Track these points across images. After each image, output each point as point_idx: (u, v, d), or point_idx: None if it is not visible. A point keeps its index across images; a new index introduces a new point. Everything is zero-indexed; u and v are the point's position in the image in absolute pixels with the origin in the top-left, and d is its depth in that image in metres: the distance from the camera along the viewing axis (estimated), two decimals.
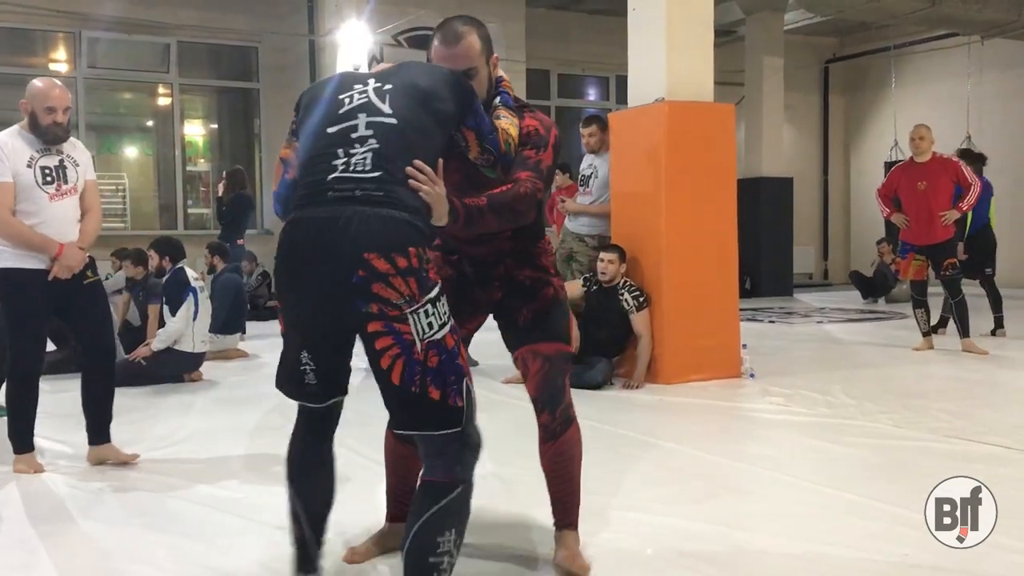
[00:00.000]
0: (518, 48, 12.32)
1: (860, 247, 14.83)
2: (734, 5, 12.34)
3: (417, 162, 2.06)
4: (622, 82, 7.46)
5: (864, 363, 6.57)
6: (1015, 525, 2.77)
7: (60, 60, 11.47)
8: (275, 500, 3.21)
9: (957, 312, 6.82)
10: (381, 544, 2.68)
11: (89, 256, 3.91)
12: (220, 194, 8.87)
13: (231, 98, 12.77)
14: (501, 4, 11.96)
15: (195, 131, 12.90)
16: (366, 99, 2.13)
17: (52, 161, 3.75)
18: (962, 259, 7.22)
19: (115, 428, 4.64)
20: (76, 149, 3.90)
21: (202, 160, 12.96)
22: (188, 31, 11.29)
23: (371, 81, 2.19)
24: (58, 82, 3.85)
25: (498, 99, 2.43)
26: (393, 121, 2.08)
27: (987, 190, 8.00)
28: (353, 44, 10.74)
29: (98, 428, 3.94)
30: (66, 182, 3.78)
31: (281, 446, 2.33)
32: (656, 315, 5.71)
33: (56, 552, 2.83)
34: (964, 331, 6.83)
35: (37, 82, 3.82)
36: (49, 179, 3.73)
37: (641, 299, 5.66)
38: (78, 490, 3.53)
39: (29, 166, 3.70)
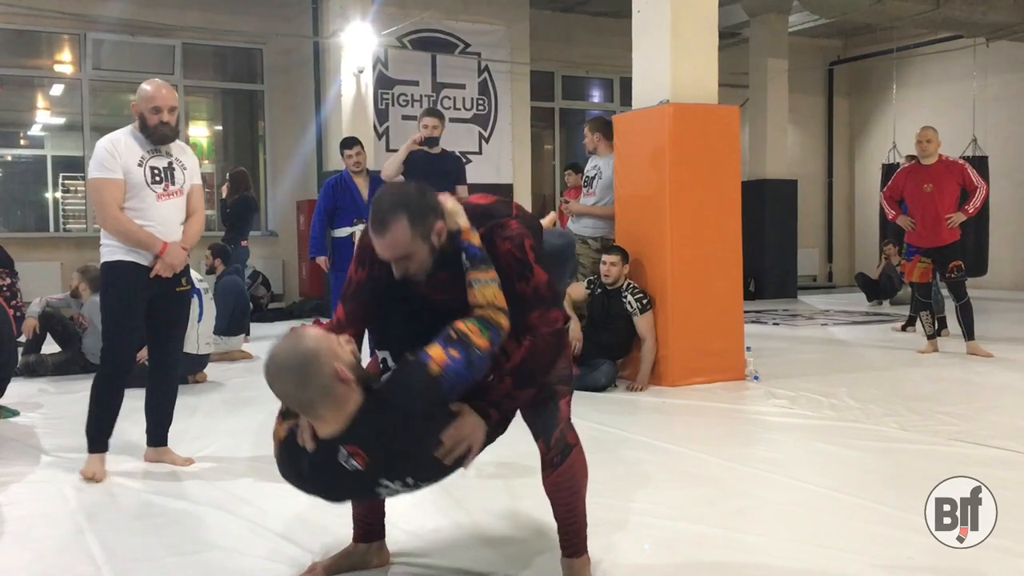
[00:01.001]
0: (522, 50, 12.33)
1: (864, 249, 14.82)
2: (738, 7, 12.33)
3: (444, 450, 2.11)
4: (626, 84, 7.47)
5: (869, 366, 6.56)
6: (1020, 529, 2.77)
7: (65, 62, 11.49)
8: (279, 501, 3.22)
9: (962, 315, 6.80)
10: (346, 562, 2.60)
11: (186, 265, 3.96)
12: (224, 196, 8.88)
13: (235, 100, 12.79)
14: (505, 6, 11.97)
15: (200, 133, 12.92)
16: None
17: (162, 162, 3.81)
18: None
19: (119, 429, 4.65)
20: (185, 153, 3.97)
21: (206, 161, 12.98)
22: (193, 33, 11.30)
23: None
24: (165, 83, 3.87)
25: (465, 259, 2.22)
26: None
27: None
28: (357, 46, 10.75)
29: (157, 431, 4.02)
30: (173, 183, 3.84)
31: None
32: (660, 317, 5.70)
33: (59, 553, 2.83)
34: (969, 334, 6.81)
35: (145, 85, 3.83)
36: (158, 179, 3.79)
37: (644, 301, 5.65)
38: (83, 492, 3.53)
39: (140, 165, 3.76)
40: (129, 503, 3.38)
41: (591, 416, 4.76)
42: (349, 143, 6.72)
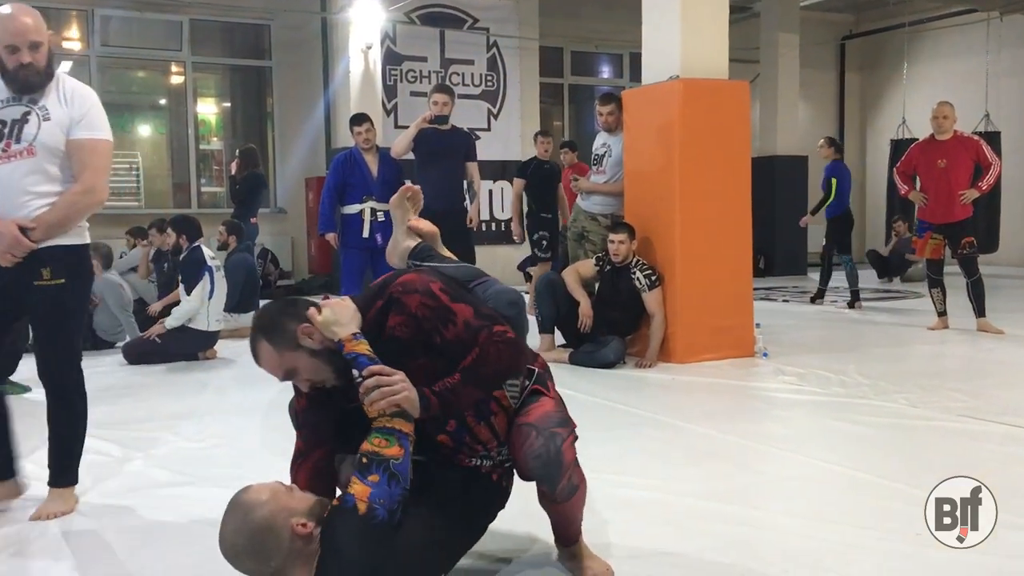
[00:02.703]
0: (532, 25, 12.25)
1: (876, 226, 14.73)
2: None
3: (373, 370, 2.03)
4: (636, 59, 7.41)
5: (879, 342, 6.55)
6: None
7: (73, 38, 11.47)
8: (287, 476, 3.24)
9: (973, 291, 6.77)
10: None
11: (58, 252, 2.91)
12: (233, 173, 8.87)
13: (243, 76, 12.75)
14: None
15: (208, 109, 12.89)
16: None
17: (14, 113, 2.88)
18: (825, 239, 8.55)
19: (132, 406, 4.69)
20: (65, 100, 2.97)
21: (215, 139, 12.96)
22: (200, 9, 11.26)
23: None
24: (25, 7, 2.95)
25: (354, 371, 2.06)
26: None
27: (829, 174, 8.70)
28: (365, 22, 10.69)
29: (50, 464, 3.05)
30: (17, 141, 2.85)
31: None
32: (669, 294, 5.69)
33: (72, 533, 2.86)
34: (980, 311, 6.78)
35: None
36: None
37: (653, 278, 5.64)
38: (94, 468, 3.55)
39: None
40: (139, 481, 3.40)
41: (600, 392, 4.76)
42: (358, 120, 6.70)
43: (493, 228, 12.17)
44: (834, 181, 8.69)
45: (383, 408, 2.00)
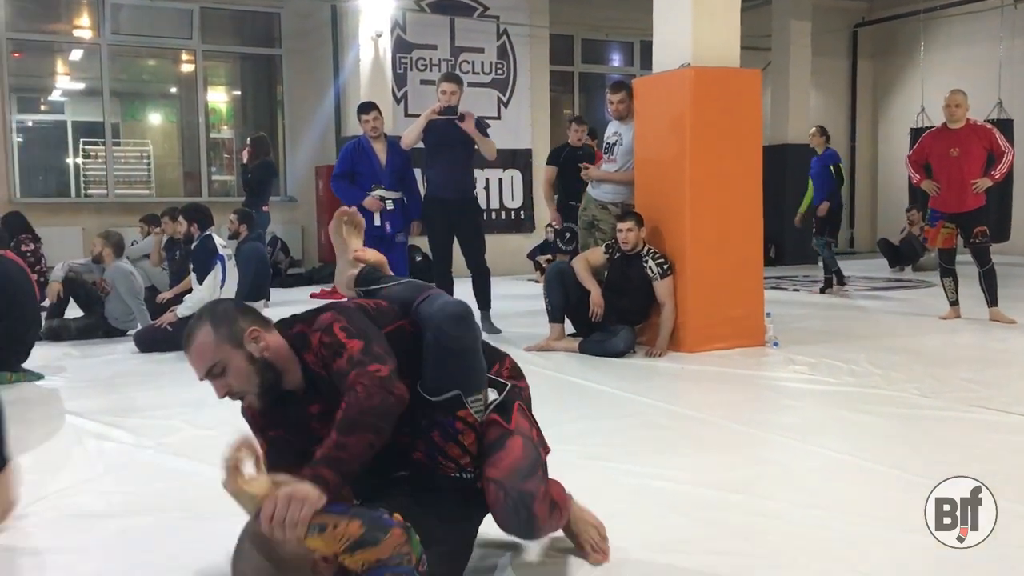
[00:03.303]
0: (542, 13, 12.21)
1: (887, 215, 14.66)
2: None
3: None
4: (647, 47, 7.38)
5: (890, 332, 6.52)
6: None
7: (84, 27, 11.49)
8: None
9: (985, 281, 6.74)
10: None
11: None
12: (245, 161, 8.89)
13: (254, 64, 12.76)
14: None
15: (218, 98, 12.91)
16: None
17: None
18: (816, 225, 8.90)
19: (144, 394, 4.72)
20: None
21: (225, 127, 12.98)
22: None
23: None
24: None
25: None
26: None
27: (832, 161, 8.88)
28: (375, 10, 10.67)
29: None
30: None
31: None
32: (680, 283, 5.68)
33: (82, 517, 2.88)
34: (992, 300, 6.75)
35: None
36: None
37: (665, 266, 5.63)
38: (107, 454, 3.58)
39: None
40: (151, 468, 3.42)
41: (609, 382, 4.76)
42: (366, 108, 6.69)
43: (503, 217, 12.16)
44: (840, 167, 8.82)
45: (300, 535, 1.82)
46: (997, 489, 2.94)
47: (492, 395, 2.25)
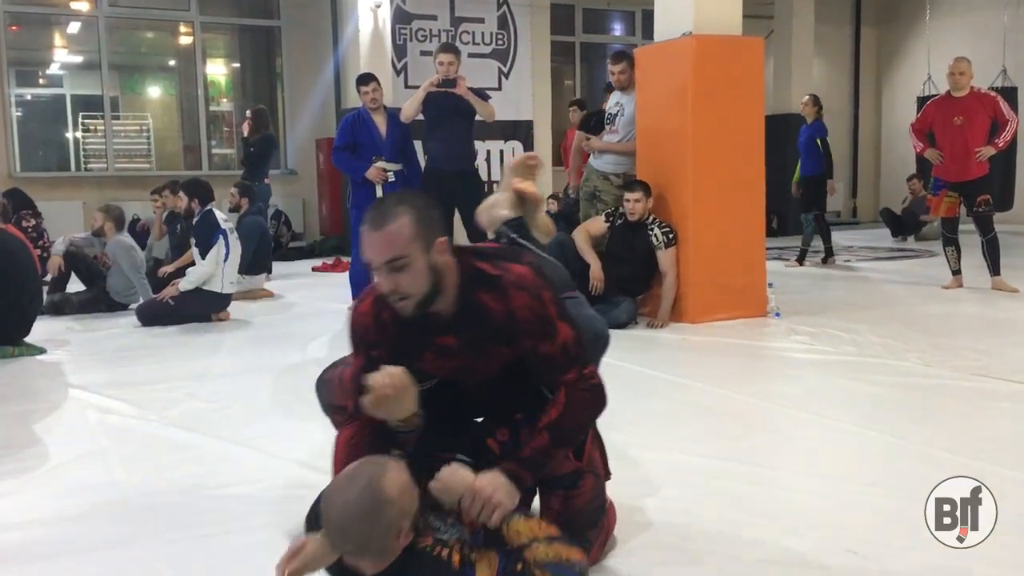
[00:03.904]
0: None
1: (890, 184, 14.59)
2: None
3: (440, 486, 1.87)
4: (648, 16, 7.31)
5: (892, 302, 6.51)
6: None
7: None
8: (301, 437, 3.26)
9: (988, 250, 6.72)
10: None
11: None
12: (245, 135, 8.84)
13: (252, 36, 12.67)
14: None
15: (217, 70, 12.84)
16: None
17: None
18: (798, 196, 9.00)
19: (146, 367, 4.74)
20: None
21: (225, 100, 12.92)
22: None
23: None
24: None
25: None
26: None
27: (819, 134, 8.78)
28: None
29: None
30: None
31: (307, 383, 2.34)
32: (681, 254, 5.67)
33: (88, 489, 2.89)
34: (995, 269, 6.74)
35: None
36: None
37: (671, 235, 5.62)
38: (110, 428, 3.59)
39: None
40: (154, 440, 3.43)
41: (611, 353, 4.73)
42: (365, 79, 6.64)
43: None
44: (827, 142, 8.80)
45: (494, 520, 1.84)
46: (997, 457, 2.95)
47: None
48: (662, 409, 3.74)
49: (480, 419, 2.22)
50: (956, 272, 6.94)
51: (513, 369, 2.07)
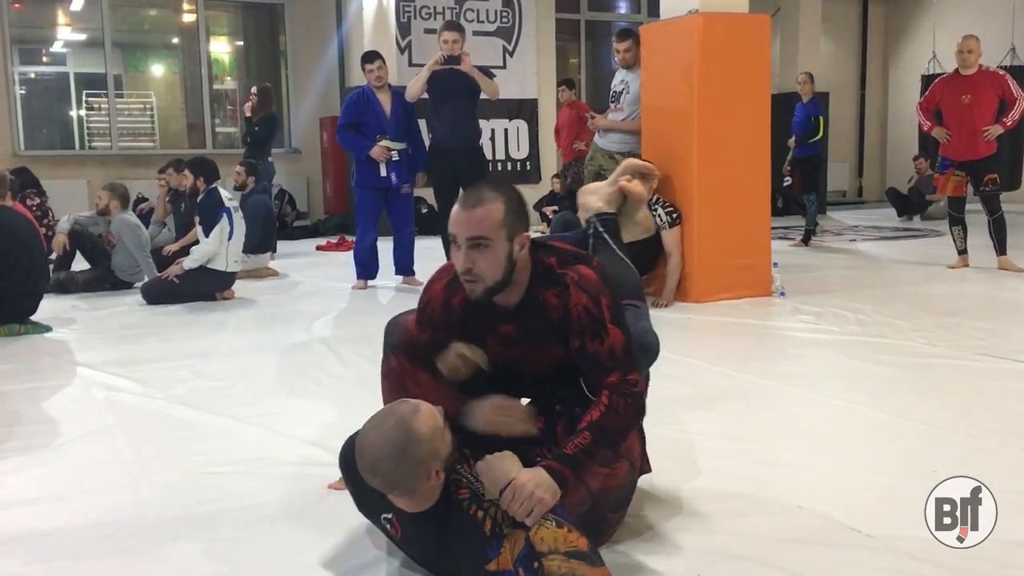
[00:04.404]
0: None
1: (896, 164, 14.54)
2: None
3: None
4: None
5: (897, 281, 6.50)
6: None
7: None
8: (307, 414, 3.28)
9: (995, 229, 6.70)
10: None
11: None
12: (248, 114, 8.81)
13: (256, 14, 12.60)
14: None
15: (221, 48, 12.78)
16: None
17: None
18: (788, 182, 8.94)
19: (152, 345, 4.75)
20: None
21: (228, 78, 12.87)
22: None
23: None
24: None
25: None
26: None
27: (815, 112, 8.73)
28: None
29: None
30: None
31: (312, 362, 2.35)
32: (687, 233, 5.65)
33: (95, 466, 2.91)
34: (1001, 248, 6.72)
35: None
36: None
37: (675, 215, 5.60)
38: (117, 405, 3.60)
39: None
40: (160, 418, 3.44)
41: None
42: (369, 57, 6.61)
43: (509, 168, 12.09)
44: (821, 120, 8.73)
45: (532, 518, 1.84)
46: (1003, 437, 2.95)
47: None
48: (665, 388, 3.73)
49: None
50: (962, 252, 6.93)
51: (562, 369, 2.12)
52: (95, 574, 2.12)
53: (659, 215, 5.60)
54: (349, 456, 2.00)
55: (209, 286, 6.16)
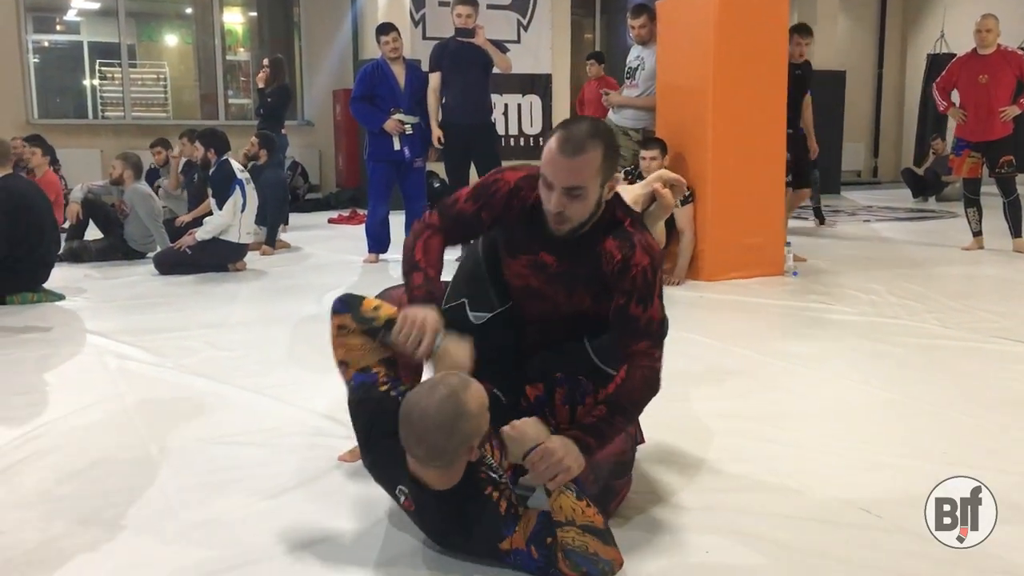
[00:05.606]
0: None
1: (913, 144, 14.41)
2: None
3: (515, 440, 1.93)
4: None
5: (911, 262, 6.47)
6: None
7: None
8: (319, 386, 3.29)
9: (1010, 211, 6.66)
10: None
11: None
12: (261, 85, 8.78)
13: None
14: None
15: (234, 19, 12.74)
16: None
17: None
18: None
19: (164, 315, 4.77)
20: None
21: (242, 49, 12.84)
22: None
23: None
24: None
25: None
26: None
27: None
28: None
29: None
30: None
31: (323, 334, 2.35)
32: (699, 211, 5.63)
33: (108, 435, 2.93)
34: (1016, 231, 6.67)
35: None
36: None
37: (687, 193, 5.58)
38: (129, 375, 3.62)
39: None
40: (172, 387, 3.46)
41: None
42: (384, 29, 6.58)
43: (522, 143, 12.04)
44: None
45: (554, 483, 1.89)
46: (1015, 420, 2.94)
47: None
48: (675, 366, 3.73)
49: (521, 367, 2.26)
50: (977, 233, 6.88)
51: (573, 324, 2.14)
52: (106, 541, 2.13)
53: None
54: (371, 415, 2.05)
55: (221, 257, 6.17)
